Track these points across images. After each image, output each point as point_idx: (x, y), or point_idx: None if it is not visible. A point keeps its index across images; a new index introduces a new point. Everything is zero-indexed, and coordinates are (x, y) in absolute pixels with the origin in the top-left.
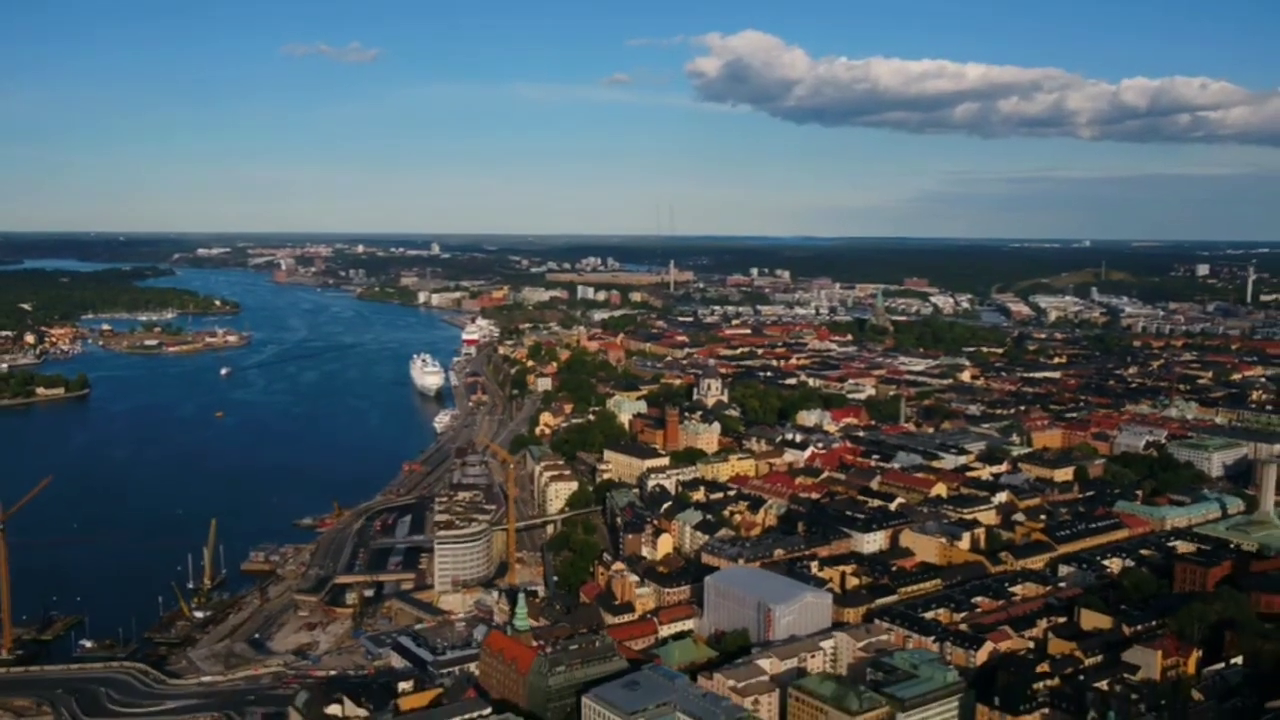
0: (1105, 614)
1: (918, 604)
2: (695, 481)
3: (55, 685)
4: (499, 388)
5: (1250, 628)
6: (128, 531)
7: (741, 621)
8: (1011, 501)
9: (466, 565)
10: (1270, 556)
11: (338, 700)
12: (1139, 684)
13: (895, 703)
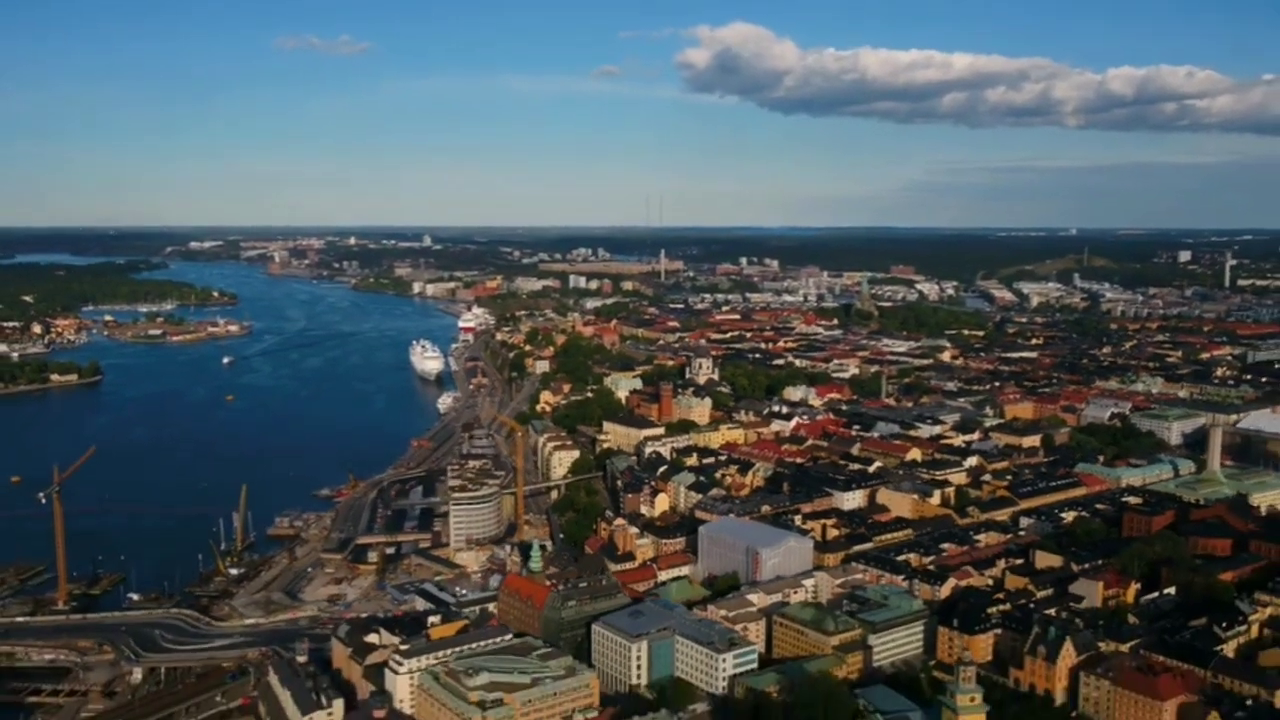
0: (1057, 554)
1: (890, 550)
2: (688, 449)
3: (113, 629)
4: (498, 372)
5: (1184, 564)
6: (158, 503)
7: (732, 565)
8: (981, 465)
9: (479, 525)
10: (1209, 506)
11: (375, 631)
12: (1083, 610)
13: (867, 625)
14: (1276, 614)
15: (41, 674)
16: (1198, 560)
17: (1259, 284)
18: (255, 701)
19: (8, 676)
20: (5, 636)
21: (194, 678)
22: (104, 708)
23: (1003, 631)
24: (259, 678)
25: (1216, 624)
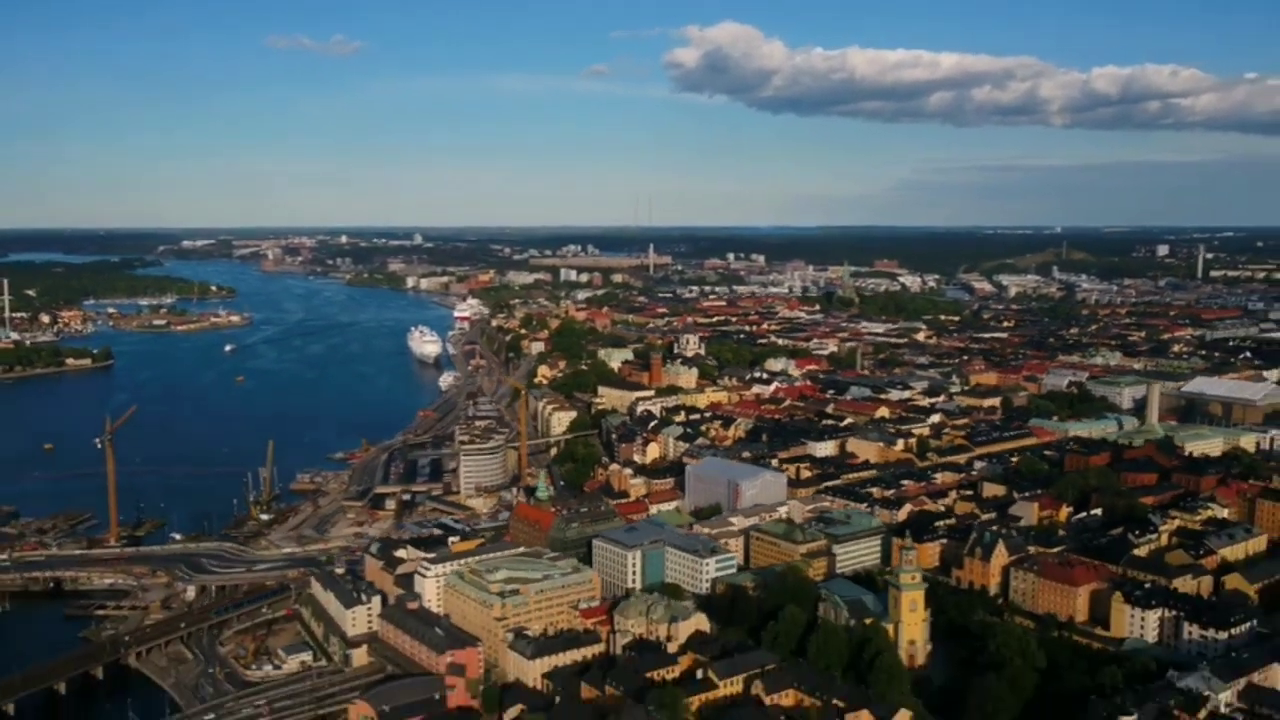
0: (1002, 485)
1: (856, 485)
2: (677, 408)
3: (164, 558)
4: (494, 355)
5: (1111, 490)
6: (186, 464)
7: (715, 498)
8: (943, 421)
9: (487, 474)
10: (1140, 447)
11: (403, 548)
12: (1020, 527)
13: (830, 537)
14: (1184, 526)
15: (104, 595)
16: (1126, 489)
17: (1230, 274)
18: (297, 612)
19: (76, 596)
20: (69, 566)
21: (241, 594)
22: (163, 617)
23: (948, 541)
24: (299, 591)
25: (1131, 533)
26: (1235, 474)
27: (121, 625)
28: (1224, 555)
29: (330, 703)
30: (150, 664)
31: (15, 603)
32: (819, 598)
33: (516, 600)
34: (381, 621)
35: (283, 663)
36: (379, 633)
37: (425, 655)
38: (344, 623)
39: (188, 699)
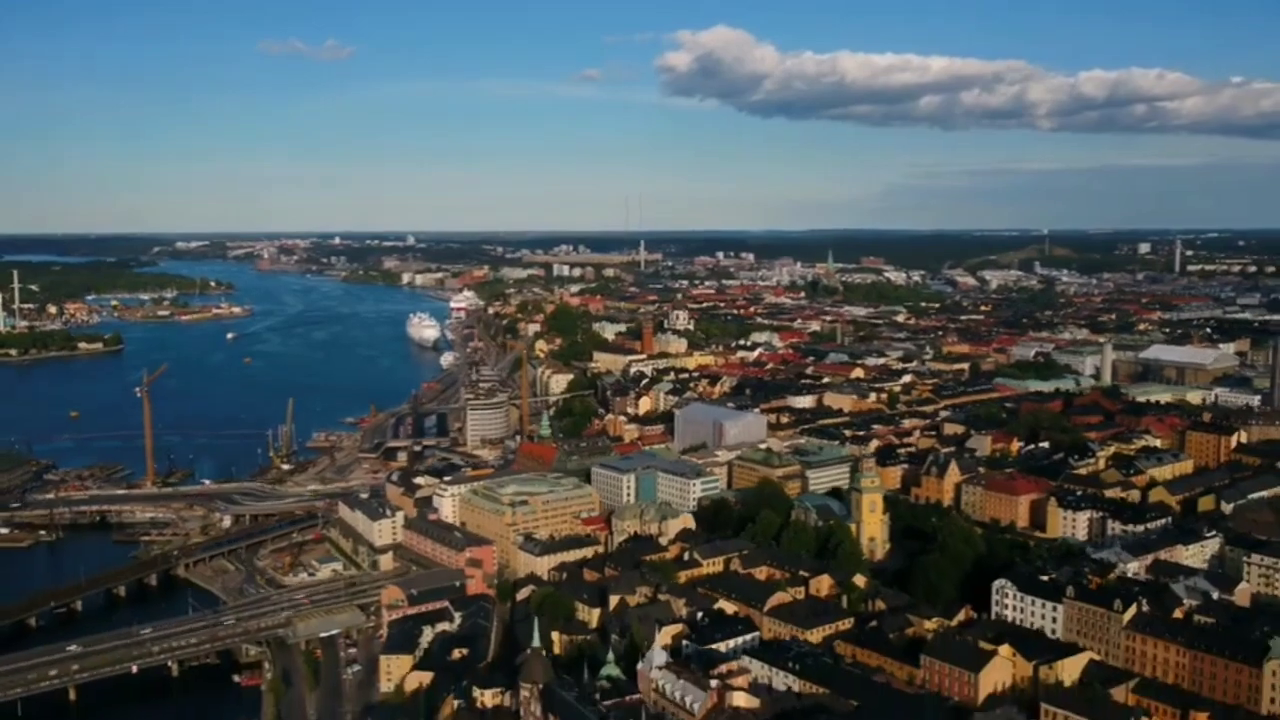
0: (962, 424)
1: (830, 428)
2: (667, 369)
3: (198, 496)
4: (491, 339)
5: (1057, 426)
6: (207, 427)
7: (702, 438)
8: (914, 381)
9: (492, 427)
10: (1089, 393)
11: (420, 475)
12: (975, 457)
13: (804, 463)
14: (1119, 452)
15: (146, 526)
16: (1072, 427)
17: (1207, 269)
18: (325, 535)
19: (120, 528)
20: (113, 502)
21: (274, 521)
22: (203, 540)
23: (909, 466)
24: (327, 519)
25: (1071, 457)
26: (1172, 414)
27: (166, 547)
28: (1152, 475)
29: (363, 595)
30: (197, 574)
31: (66, 533)
32: (792, 507)
33: (525, 509)
34: (405, 531)
35: (316, 571)
36: (403, 542)
37: (445, 555)
38: (371, 535)
39: (234, 598)
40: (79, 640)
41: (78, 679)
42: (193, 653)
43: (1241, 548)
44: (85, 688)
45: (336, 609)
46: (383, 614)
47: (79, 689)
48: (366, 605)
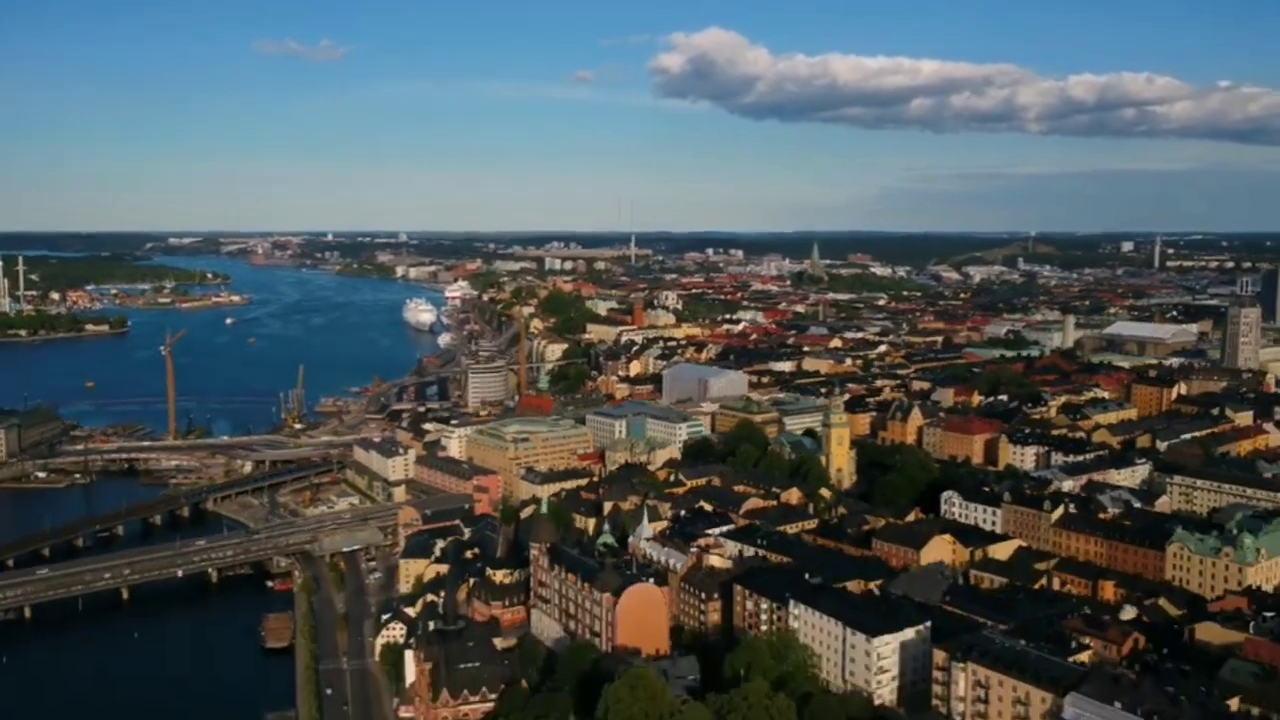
0: (928, 381)
1: (807, 386)
2: (656, 338)
3: (220, 446)
4: (486, 323)
5: (1016, 382)
6: (219, 394)
7: (688, 393)
8: (889, 350)
9: (491, 389)
10: (1048, 356)
11: (429, 422)
12: (937, 406)
13: (781, 410)
14: (1070, 402)
15: (173, 471)
16: (1030, 383)
17: (1186, 264)
18: (340, 478)
19: (149, 474)
20: (140, 452)
21: (292, 466)
22: (228, 479)
23: (876, 413)
24: (341, 464)
25: (1024, 405)
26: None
27: (194, 488)
28: (1098, 420)
29: (380, 521)
30: (224, 507)
31: (98, 478)
32: (768, 442)
33: (526, 445)
34: (417, 467)
35: (335, 504)
36: (414, 476)
37: (454, 484)
38: (385, 471)
39: (261, 525)
40: (125, 554)
41: (130, 581)
42: (230, 562)
43: (1166, 472)
44: (136, 589)
45: (357, 528)
46: (399, 531)
47: (131, 590)
48: (384, 528)
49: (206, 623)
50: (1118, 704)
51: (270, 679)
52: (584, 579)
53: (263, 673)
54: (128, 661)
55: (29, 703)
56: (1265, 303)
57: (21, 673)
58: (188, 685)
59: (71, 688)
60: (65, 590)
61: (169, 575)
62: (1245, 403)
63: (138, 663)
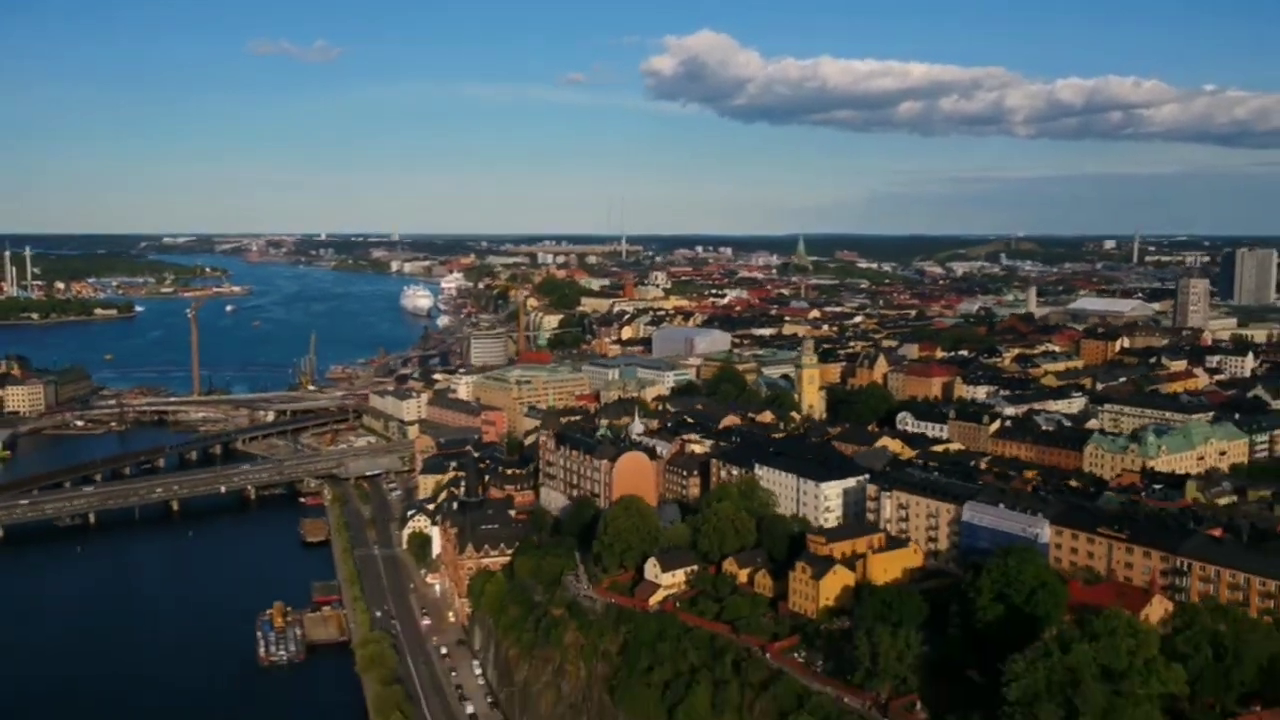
0: (895, 340)
1: (785, 344)
2: (647, 309)
3: (242, 401)
4: (483, 308)
5: (976, 340)
6: (234, 364)
7: (675, 350)
8: (864, 320)
9: (492, 354)
10: (1007, 319)
11: (437, 372)
12: (902, 357)
13: (759, 360)
14: (1023, 354)
15: (200, 422)
16: (991, 341)
17: (1163, 260)
18: (357, 425)
19: (178, 424)
20: (169, 405)
21: (311, 415)
22: (251, 426)
23: (846, 363)
24: (357, 413)
25: (981, 356)
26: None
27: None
28: (1046, 368)
29: (397, 452)
30: (253, 447)
31: (131, 427)
32: (747, 384)
33: (528, 387)
34: (429, 408)
35: (354, 443)
36: (427, 416)
37: (464, 420)
38: (400, 412)
39: (288, 458)
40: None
41: (179, 495)
42: (266, 481)
43: (1098, 403)
44: (185, 503)
45: (379, 455)
46: (416, 456)
47: (180, 503)
48: (402, 457)
49: (249, 528)
50: (1002, 505)
51: (312, 562)
52: (585, 452)
53: (304, 559)
54: (186, 554)
55: (107, 585)
56: (1223, 283)
57: (95, 561)
58: (241, 569)
59: (143, 573)
60: (123, 501)
61: (213, 491)
62: (1181, 353)
63: (195, 555)
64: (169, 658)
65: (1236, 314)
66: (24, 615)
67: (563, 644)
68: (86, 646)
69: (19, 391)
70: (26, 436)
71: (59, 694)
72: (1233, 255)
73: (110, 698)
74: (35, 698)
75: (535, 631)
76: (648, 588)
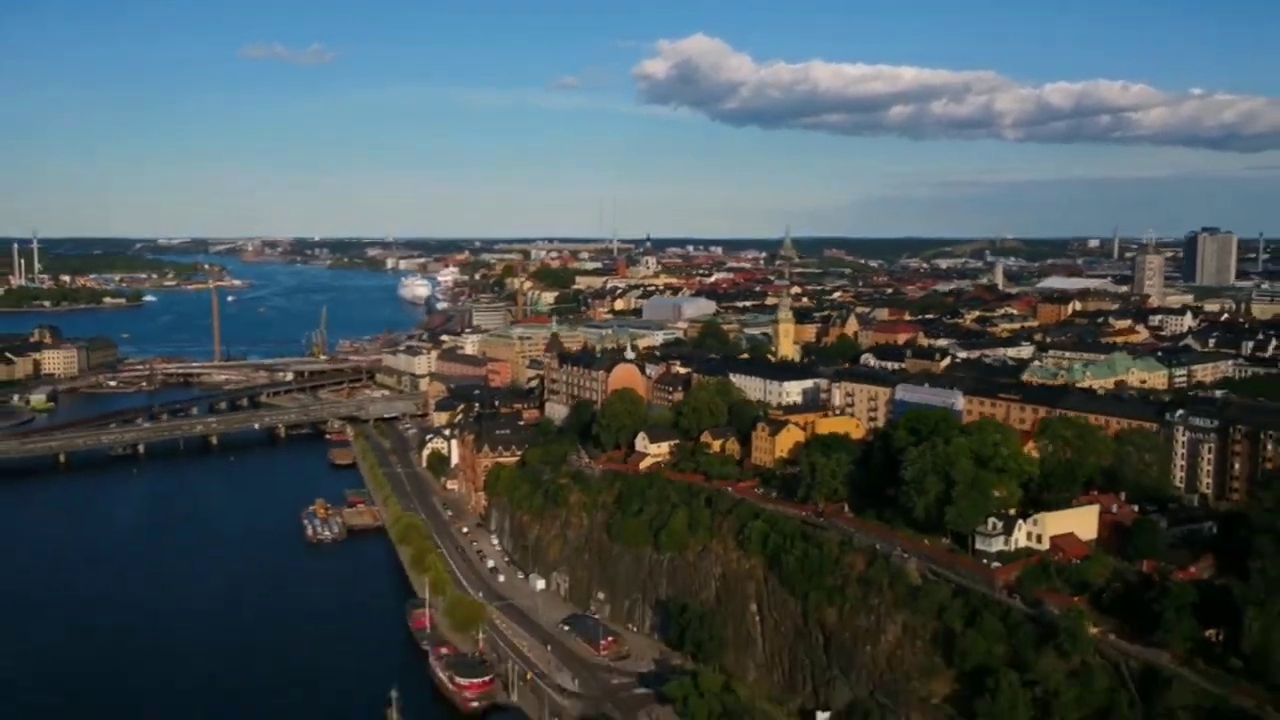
0: (868, 305)
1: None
2: (638, 285)
3: (261, 366)
4: (481, 292)
5: (942, 304)
6: (245, 341)
7: (664, 316)
8: (842, 294)
9: (492, 323)
10: (974, 290)
11: (443, 334)
12: (872, 319)
13: (741, 322)
14: (983, 315)
15: (224, 383)
16: (957, 307)
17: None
18: (369, 386)
19: (202, 384)
20: (193, 369)
21: (328, 374)
22: (272, 384)
23: (821, 324)
24: (370, 373)
25: (944, 317)
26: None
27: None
28: (1004, 326)
29: (410, 398)
30: (276, 401)
31: (160, 388)
32: (729, 340)
33: (530, 341)
34: (439, 362)
35: (370, 395)
36: (437, 370)
37: (472, 370)
38: (412, 367)
39: (312, 403)
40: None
41: (217, 430)
42: (295, 421)
43: (1044, 350)
44: (222, 437)
45: (395, 400)
46: (429, 402)
47: (219, 438)
48: (416, 404)
49: (281, 457)
50: (926, 385)
51: (342, 479)
52: (585, 367)
53: (335, 477)
54: (230, 474)
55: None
56: (1187, 266)
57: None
58: (279, 484)
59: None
60: (169, 434)
61: (248, 428)
62: (1127, 314)
63: (238, 475)
64: (231, 541)
65: (1196, 292)
66: (101, 517)
67: (568, 503)
68: (157, 536)
69: (55, 355)
70: (65, 393)
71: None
72: (1195, 239)
73: (188, 570)
74: (131, 576)
75: (544, 499)
76: (638, 456)
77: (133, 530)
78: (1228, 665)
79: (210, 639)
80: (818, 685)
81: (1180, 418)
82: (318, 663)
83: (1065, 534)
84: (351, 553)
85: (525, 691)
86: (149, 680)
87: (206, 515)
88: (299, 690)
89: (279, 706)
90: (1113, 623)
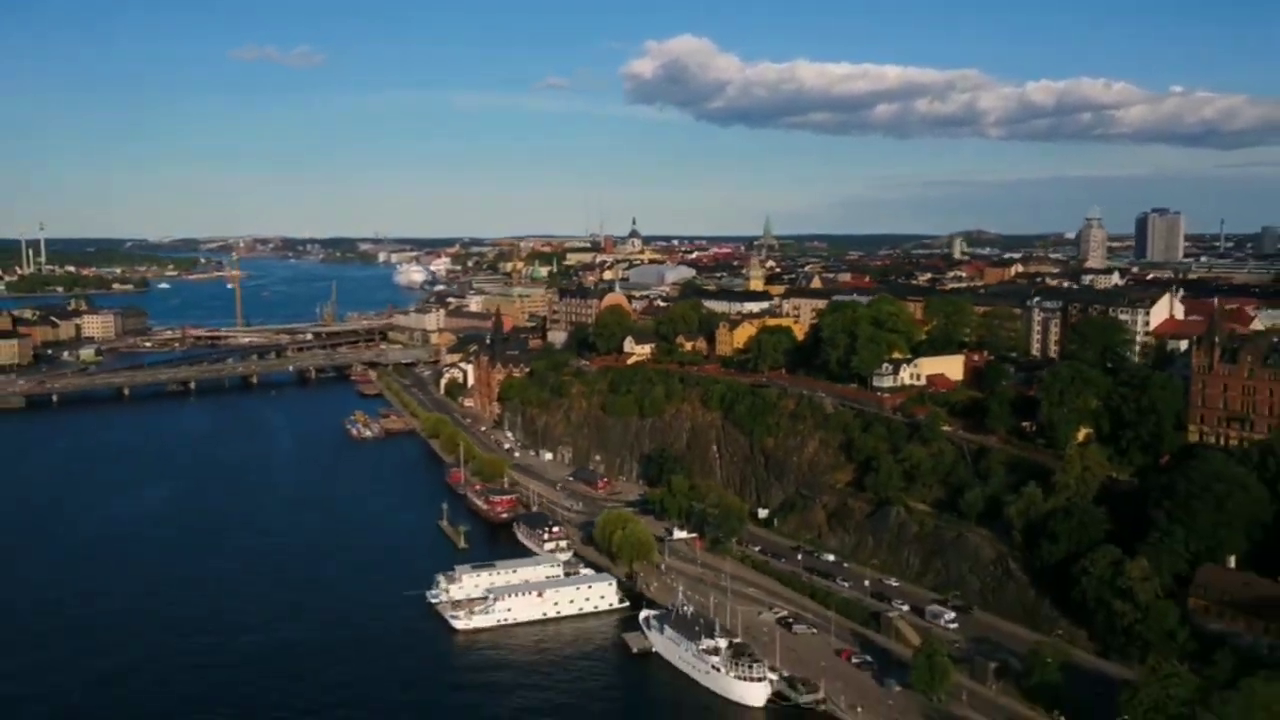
0: (835, 273)
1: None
2: (625, 260)
3: (282, 330)
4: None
5: (902, 271)
6: (258, 316)
7: (651, 282)
8: (813, 266)
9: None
10: (932, 259)
11: (449, 296)
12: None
13: (719, 283)
14: (932, 278)
15: (248, 346)
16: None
17: (1112, 246)
18: (381, 346)
19: (229, 345)
20: (218, 332)
21: (343, 336)
22: (295, 343)
23: (789, 285)
24: (383, 334)
25: (898, 279)
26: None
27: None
28: (953, 285)
29: (424, 348)
30: (300, 356)
31: (191, 349)
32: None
33: (529, 298)
34: (447, 319)
35: (386, 347)
36: (446, 326)
37: (478, 323)
38: (423, 324)
39: (335, 356)
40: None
41: (256, 371)
42: (322, 364)
43: None
44: (261, 376)
45: (411, 348)
46: (441, 350)
47: (258, 377)
48: (429, 351)
49: (313, 392)
50: (855, 295)
51: (371, 405)
52: (581, 298)
53: (364, 403)
54: (273, 404)
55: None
56: (1139, 244)
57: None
58: (317, 409)
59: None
60: (216, 374)
61: (282, 370)
62: (1063, 275)
63: (278, 404)
64: (284, 441)
65: (1141, 265)
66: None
67: (570, 394)
68: (222, 439)
69: (94, 320)
70: (106, 353)
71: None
72: (1145, 219)
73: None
74: (220, 463)
75: (550, 393)
76: (626, 356)
77: (209, 434)
78: (1034, 442)
79: (296, 496)
80: (760, 492)
81: (1036, 302)
82: (381, 505)
83: (938, 374)
84: (390, 447)
85: (543, 506)
86: (260, 509)
87: (259, 428)
88: (373, 517)
89: (358, 529)
90: (961, 423)
